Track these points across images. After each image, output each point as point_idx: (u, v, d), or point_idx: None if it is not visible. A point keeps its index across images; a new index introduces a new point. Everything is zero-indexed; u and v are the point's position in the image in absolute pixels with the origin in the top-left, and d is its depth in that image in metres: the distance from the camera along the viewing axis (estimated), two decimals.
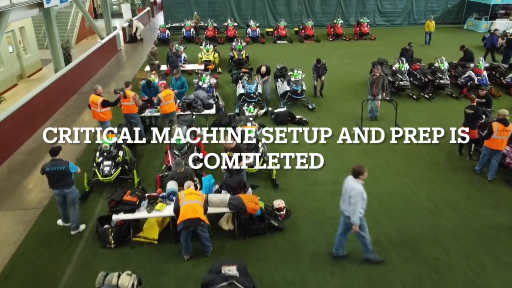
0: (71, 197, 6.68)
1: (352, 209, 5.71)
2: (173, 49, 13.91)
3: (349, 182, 5.93)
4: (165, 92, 9.50)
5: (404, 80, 12.96)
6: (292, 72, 12.41)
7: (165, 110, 9.55)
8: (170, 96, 9.64)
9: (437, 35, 23.65)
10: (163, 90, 9.49)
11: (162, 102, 9.35)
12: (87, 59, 15.54)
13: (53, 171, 6.51)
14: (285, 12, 25.67)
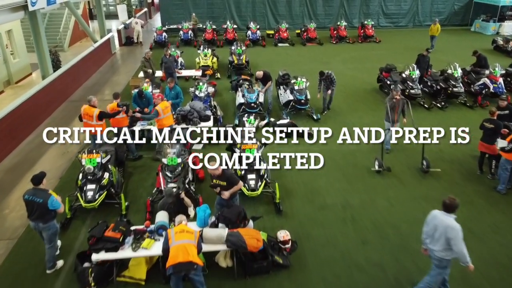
0: (47, 234, 5.82)
1: (458, 251, 4.81)
2: (168, 54, 13.07)
3: (440, 218, 4.95)
4: (163, 104, 8.68)
5: (415, 88, 12.12)
6: (295, 80, 11.56)
7: (164, 123, 8.72)
8: (168, 108, 8.84)
9: (444, 38, 22.82)
10: (160, 102, 8.64)
11: (161, 115, 8.52)
12: (78, 64, 14.71)
13: (30, 200, 5.70)
14: (286, 14, 24.85)
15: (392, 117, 9.15)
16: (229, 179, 6.11)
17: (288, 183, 8.29)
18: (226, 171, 6.19)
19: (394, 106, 9.13)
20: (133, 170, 8.84)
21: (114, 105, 8.75)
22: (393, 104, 9.12)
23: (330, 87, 11.39)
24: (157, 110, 8.52)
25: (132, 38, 22.20)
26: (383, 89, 13.63)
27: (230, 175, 6.19)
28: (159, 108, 8.53)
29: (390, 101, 9.16)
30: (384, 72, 13.51)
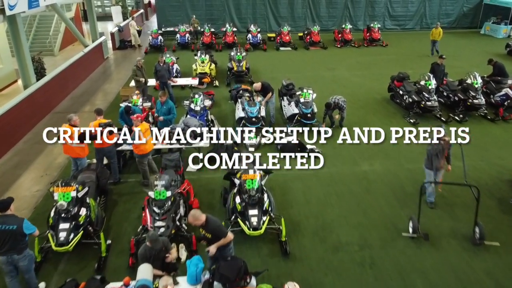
0: (23, 265, 5.12)
1: None
2: (162, 61, 12.01)
3: None
4: (143, 126, 7.58)
5: (432, 100, 11.05)
6: (301, 92, 10.49)
7: (145, 149, 7.65)
8: (148, 131, 7.73)
9: (453, 41, 21.81)
10: (139, 123, 7.54)
11: (140, 139, 7.43)
12: (66, 72, 13.64)
13: (1, 230, 4.97)
14: (288, 16, 23.80)
15: (436, 164, 7.16)
16: (214, 232, 4.99)
17: (295, 215, 7.23)
18: (211, 221, 5.02)
19: (440, 150, 7.08)
20: (118, 197, 7.77)
21: (97, 122, 7.71)
22: (438, 149, 7.05)
23: (340, 113, 10.35)
24: (135, 133, 7.38)
25: (126, 42, 21.16)
26: (395, 99, 12.58)
27: (215, 227, 5.03)
28: (138, 130, 7.39)
29: (435, 146, 7.08)
30: (396, 81, 12.45)
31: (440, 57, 12.13)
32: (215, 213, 7.22)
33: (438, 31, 18.02)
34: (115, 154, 8.03)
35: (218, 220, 5.25)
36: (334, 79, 15.19)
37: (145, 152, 7.67)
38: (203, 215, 4.93)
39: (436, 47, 18.25)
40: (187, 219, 4.86)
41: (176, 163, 7.42)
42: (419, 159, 9.07)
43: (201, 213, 4.94)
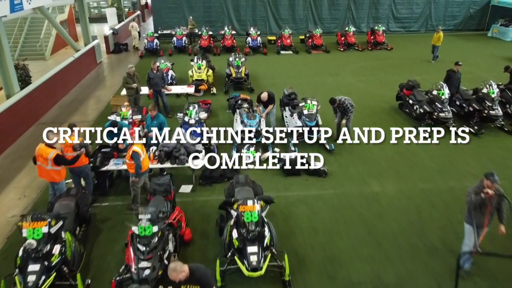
0: None
1: None
2: (156, 68, 11.21)
3: None
4: (138, 145, 6.81)
5: (445, 111, 10.26)
6: (304, 103, 9.70)
7: (144, 166, 6.88)
8: (144, 148, 6.99)
9: (460, 44, 21.06)
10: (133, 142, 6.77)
11: (141, 156, 6.67)
12: (54, 78, 12.85)
13: None
14: (289, 18, 22.99)
15: (478, 220, 5.46)
16: (201, 280, 4.20)
17: (300, 245, 6.44)
18: (196, 269, 4.19)
19: (483, 204, 5.42)
20: (101, 224, 6.97)
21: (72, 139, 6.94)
22: (482, 201, 5.38)
23: (345, 116, 9.52)
24: (136, 153, 6.61)
25: (121, 45, 20.36)
26: (404, 108, 11.79)
27: (201, 274, 4.20)
28: (137, 149, 6.65)
29: (477, 198, 5.37)
30: (406, 89, 11.67)
31: (456, 63, 11.26)
32: (209, 244, 6.48)
33: (438, 35, 17.01)
34: (88, 173, 7.25)
35: (203, 266, 4.44)
36: (338, 85, 14.40)
37: (144, 170, 6.88)
38: (186, 266, 4.12)
39: (435, 52, 17.32)
40: (169, 275, 4.04)
41: (166, 187, 6.62)
42: (433, 177, 8.37)
43: (183, 264, 4.13)
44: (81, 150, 6.56)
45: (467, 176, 8.44)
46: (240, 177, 6.82)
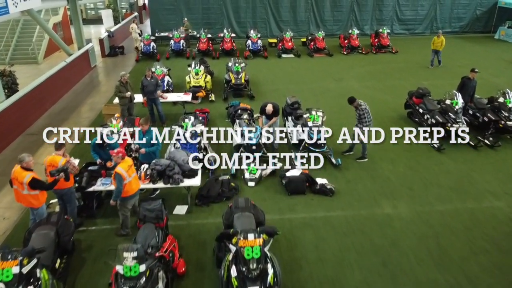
0: None
1: None
2: (150, 75, 10.54)
3: None
4: (126, 163, 6.16)
5: (459, 121, 9.59)
6: (309, 114, 9.02)
7: (130, 189, 6.22)
8: (133, 167, 6.33)
9: (467, 47, 20.41)
10: (119, 160, 6.11)
11: (126, 179, 6.01)
12: (44, 85, 12.18)
13: None
14: (290, 20, 22.34)
15: None
16: None
17: (306, 280, 5.77)
18: None
19: None
20: (86, 253, 6.29)
21: (53, 159, 6.27)
22: None
23: (358, 124, 8.78)
24: (119, 175, 5.96)
25: (117, 48, 19.69)
26: (413, 117, 11.12)
27: None
28: (121, 170, 6.00)
29: None
30: (415, 97, 10.99)
31: (472, 70, 10.51)
32: (205, 277, 5.81)
33: (440, 40, 15.93)
34: (73, 197, 6.59)
35: None
36: (342, 92, 13.69)
37: (130, 193, 6.23)
38: None
39: (439, 57, 16.40)
40: None
41: (157, 213, 5.95)
42: (450, 197, 7.71)
43: None
44: (60, 175, 5.89)
45: (486, 195, 7.79)
46: (239, 200, 6.15)
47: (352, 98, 8.84)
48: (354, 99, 8.80)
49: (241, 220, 5.75)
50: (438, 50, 16.20)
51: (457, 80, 14.80)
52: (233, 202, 6.19)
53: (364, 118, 8.62)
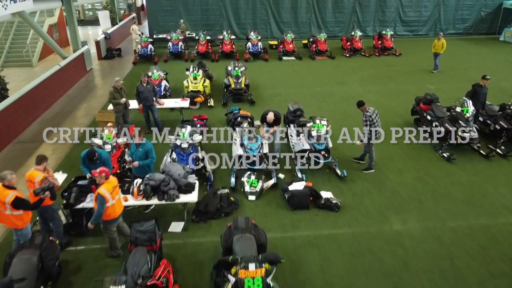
0: None
1: None
2: (145, 81, 10.08)
3: None
4: (111, 184, 5.68)
5: (470, 130, 9.13)
6: (312, 123, 8.56)
7: (113, 213, 5.73)
8: (117, 188, 5.85)
9: (472, 50, 19.96)
10: (103, 180, 5.63)
11: (108, 202, 5.54)
12: (35, 90, 11.72)
13: None
14: (291, 21, 21.89)
15: None
16: None
17: None
18: None
19: None
20: (72, 276, 5.81)
21: (32, 174, 5.82)
22: None
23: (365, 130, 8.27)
24: (102, 197, 5.47)
25: (114, 50, 19.24)
26: (420, 124, 10.66)
27: None
28: (104, 191, 5.50)
29: None
30: (423, 103, 10.54)
31: (484, 77, 9.95)
32: None
33: (441, 42, 15.34)
34: (54, 215, 6.12)
35: None
36: (346, 96, 13.28)
37: (113, 217, 5.76)
38: None
39: (437, 61, 15.78)
40: None
41: (150, 235, 5.50)
42: (463, 212, 7.26)
43: None
44: (45, 194, 5.44)
45: (501, 210, 7.34)
46: (239, 220, 5.69)
47: (361, 102, 8.38)
48: (362, 103, 8.34)
49: (241, 242, 5.30)
50: (438, 53, 15.65)
51: (463, 83, 14.48)
52: (233, 222, 5.73)
53: (371, 128, 8.13)
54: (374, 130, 8.13)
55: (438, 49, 15.59)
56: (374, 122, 8.16)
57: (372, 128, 8.13)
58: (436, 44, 15.56)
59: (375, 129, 8.13)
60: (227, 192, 7.40)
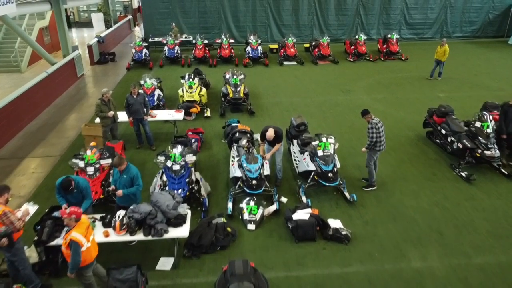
0: None
1: None
2: (135, 92, 9.25)
3: None
4: (83, 226, 4.83)
5: (491, 147, 8.29)
6: (318, 142, 7.72)
7: (88, 257, 4.88)
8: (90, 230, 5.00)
9: (481, 54, 19.14)
10: (73, 223, 4.78)
11: (83, 246, 4.71)
12: (19, 100, 10.90)
13: None
14: (292, 24, 21.08)
15: None
16: None
17: None
18: None
19: None
20: None
21: None
22: None
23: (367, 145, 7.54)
24: (76, 243, 4.62)
25: (107, 54, 18.41)
26: (434, 138, 9.84)
27: None
28: (78, 237, 4.66)
29: None
30: (437, 115, 9.72)
31: None
32: None
33: (443, 49, 14.25)
34: (17, 254, 5.26)
35: None
36: (352, 106, 12.46)
37: (89, 261, 4.91)
38: None
39: (441, 69, 14.77)
40: None
41: (130, 284, 4.67)
42: (489, 245, 6.45)
43: None
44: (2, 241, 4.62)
45: None
46: (237, 264, 4.86)
47: (366, 110, 7.62)
48: (367, 112, 7.58)
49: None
50: (441, 60, 14.55)
51: (476, 91, 13.71)
52: (229, 266, 4.90)
53: (377, 138, 7.35)
54: (378, 141, 7.41)
55: (440, 56, 14.50)
56: (379, 132, 7.38)
57: (378, 139, 7.40)
58: (439, 50, 14.48)
59: (379, 139, 7.40)
60: (223, 222, 6.56)
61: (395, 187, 8.05)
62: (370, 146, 7.49)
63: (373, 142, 7.42)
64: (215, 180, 8.25)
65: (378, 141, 7.44)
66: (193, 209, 7.12)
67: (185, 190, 6.96)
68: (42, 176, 8.58)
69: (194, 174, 7.49)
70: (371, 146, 7.48)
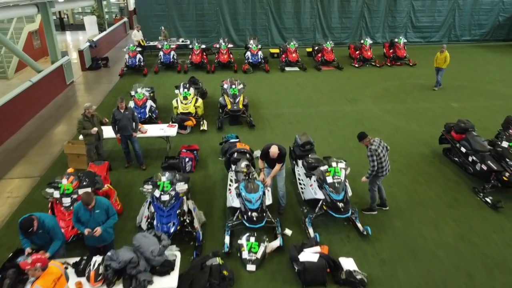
0: None
1: None
2: (123, 107, 8.34)
3: None
4: (50, 277, 3.98)
5: None
6: (327, 167, 6.80)
7: None
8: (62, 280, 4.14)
9: (492, 58, 18.26)
10: (38, 274, 3.92)
11: None
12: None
13: None
14: (294, 27, 20.18)
15: None
16: None
17: None
18: None
19: None
20: None
21: None
22: None
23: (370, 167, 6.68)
24: None
25: (100, 60, 17.51)
26: (452, 156, 8.95)
27: None
28: None
29: None
30: (455, 132, 8.82)
31: None
32: None
33: (443, 56, 13.27)
34: None
35: None
36: (360, 118, 11.57)
37: None
38: None
39: (439, 77, 13.70)
40: None
41: None
42: None
43: None
44: None
45: None
46: None
47: (363, 133, 6.74)
48: (364, 136, 6.70)
49: None
50: (441, 68, 13.51)
51: (491, 101, 12.81)
52: None
53: (379, 164, 6.54)
54: (380, 167, 6.59)
55: (440, 64, 13.44)
56: (381, 157, 6.53)
57: (379, 165, 6.57)
58: (439, 57, 13.42)
59: (381, 165, 6.58)
60: (218, 264, 5.67)
61: (411, 214, 7.16)
62: (371, 175, 6.66)
63: (375, 170, 6.57)
64: (211, 207, 7.36)
65: (380, 167, 6.60)
66: (185, 243, 6.27)
67: (175, 224, 6.06)
68: (17, 202, 7.68)
69: (186, 204, 6.58)
70: (372, 174, 6.64)
